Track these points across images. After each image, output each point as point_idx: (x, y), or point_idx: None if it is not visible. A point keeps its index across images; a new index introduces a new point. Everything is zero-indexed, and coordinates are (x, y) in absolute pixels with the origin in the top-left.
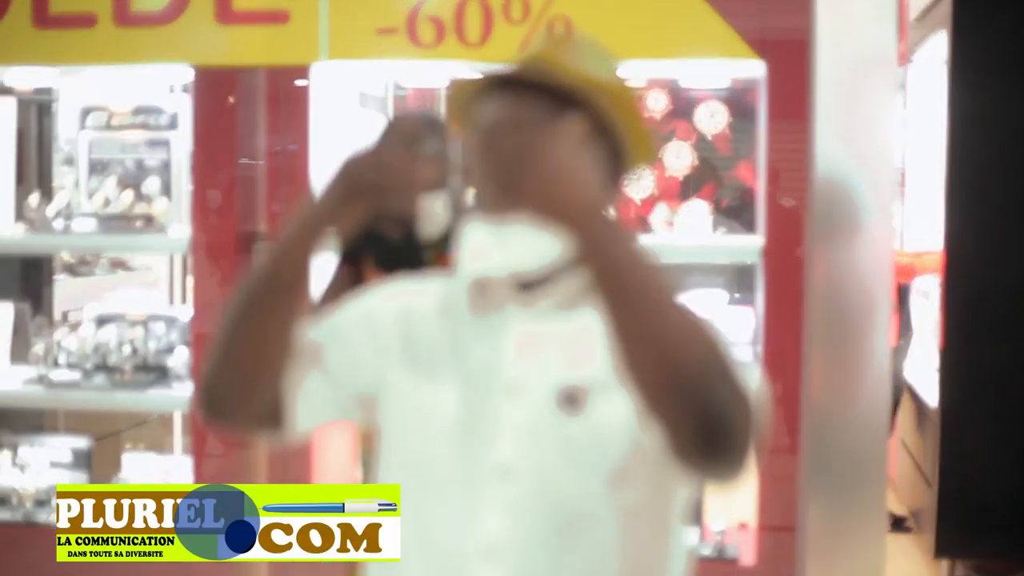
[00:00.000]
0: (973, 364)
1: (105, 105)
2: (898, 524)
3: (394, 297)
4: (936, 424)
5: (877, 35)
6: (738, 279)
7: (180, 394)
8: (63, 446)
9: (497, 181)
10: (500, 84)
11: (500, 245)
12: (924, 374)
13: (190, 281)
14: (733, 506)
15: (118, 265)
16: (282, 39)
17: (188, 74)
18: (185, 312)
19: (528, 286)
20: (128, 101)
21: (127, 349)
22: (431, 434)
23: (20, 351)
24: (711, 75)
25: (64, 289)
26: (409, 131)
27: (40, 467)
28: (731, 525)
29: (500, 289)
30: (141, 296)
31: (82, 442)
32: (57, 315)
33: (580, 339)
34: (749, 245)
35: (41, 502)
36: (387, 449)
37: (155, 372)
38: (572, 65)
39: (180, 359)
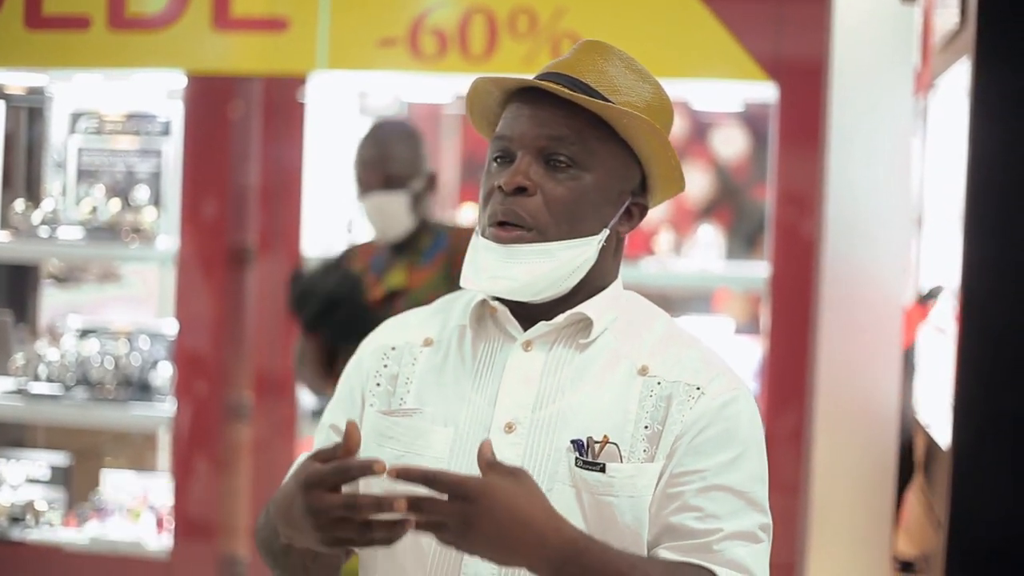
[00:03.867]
0: (988, 405)
1: (97, 110)
2: (907, 568)
3: (371, 348)
4: (948, 465)
5: (895, 59)
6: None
7: (163, 411)
8: (42, 461)
9: (503, 210)
10: (526, 92)
11: (500, 264)
12: (937, 414)
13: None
14: None
15: (108, 275)
16: (280, 47)
17: (182, 81)
18: (171, 326)
19: (530, 321)
20: (120, 107)
21: (110, 363)
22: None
23: (1, 362)
24: (723, 97)
25: (51, 299)
26: (382, 137)
27: (17, 482)
28: None
29: (501, 320)
30: (128, 308)
31: (61, 458)
32: (43, 325)
33: (594, 388)
34: (756, 274)
35: (16, 518)
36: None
37: (138, 388)
38: (603, 78)
39: (164, 375)
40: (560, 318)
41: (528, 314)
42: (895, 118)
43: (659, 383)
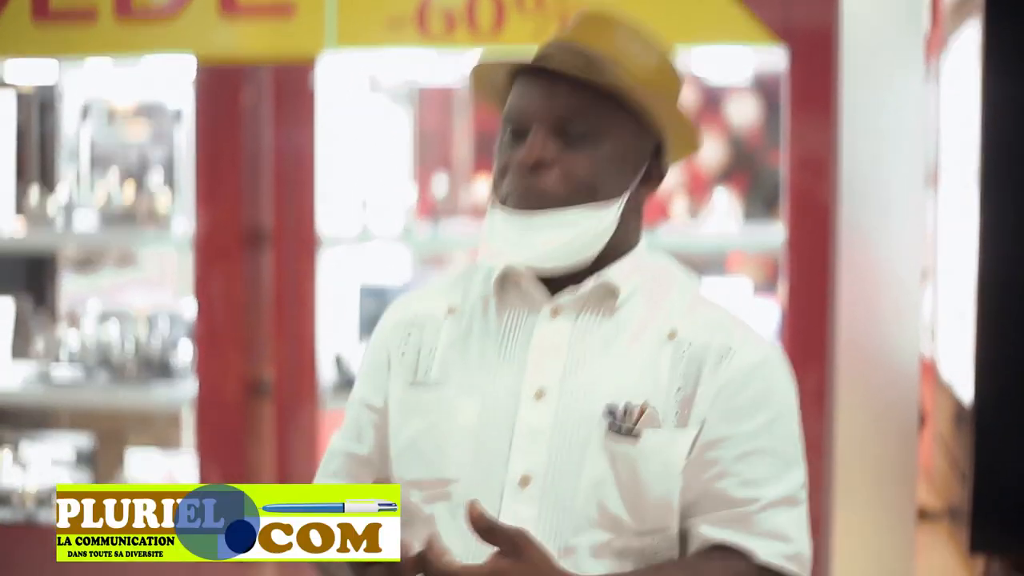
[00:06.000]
0: (1009, 359)
1: (107, 99)
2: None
3: (394, 318)
4: (971, 420)
5: (905, 20)
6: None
7: (185, 391)
8: (66, 444)
9: (521, 181)
10: (532, 70)
11: (520, 235)
12: (961, 369)
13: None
14: None
15: (125, 259)
16: (288, 31)
17: (192, 67)
18: (190, 307)
19: (555, 287)
20: (131, 95)
21: (130, 345)
22: (445, 446)
23: (22, 347)
24: (734, 63)
25: (70, 285)
26: None
27: (42, 465)
28: None
29: (526, 288)
30: (147, 291)
31: (85, 440)
32: (63, 311)
33: (624, 354)
34: (772, 237)
35: (43, 501)
36: (399, 465)
37: (159, 368)
38: (609, 50)
39: (184, 355)
40: (586, 285)
41: (552, 281)
42: (906, 79)
43: (689, 344)
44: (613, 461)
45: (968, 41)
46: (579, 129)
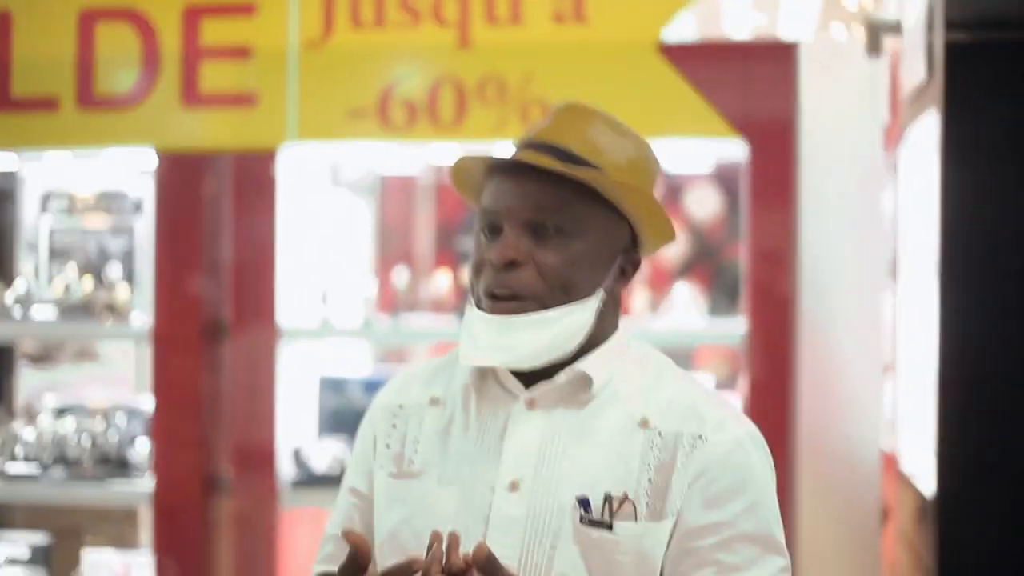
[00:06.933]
0: (970, 453)
1: (67, 190)
2: None
3: (381, 404)
4: (934, 514)
5: (863, 113)
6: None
7: (142, 487)
8: (21, 542)
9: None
10: (507, 166)
11: (498, 336)
12: (922, 463)
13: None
14: None
15: (84, 354)
16: (250, 122)
17: (153, 158)
18: (147, 402)
19: (529, 382)
20: (91, 186)
21: (87, 441)
22: (424, 537)
23: None
24: (694, 157)
25: (27, 379)
26: None
27: None
28: None
29: (503, 380)
30: (106, 386)
31: (40, 538)
32: (19, 406)
33: (597, 444)
34: (733, 330)
35: None
36: (380, 554)
37: (116, 465)
38: (584, 144)
39: (142, 451)
40: (560, 377)
41: (530, 372)
42: (865, 172)
43: (660, 434)
44: (585, 553)
45: (926, 132)
46: (552, 225)
